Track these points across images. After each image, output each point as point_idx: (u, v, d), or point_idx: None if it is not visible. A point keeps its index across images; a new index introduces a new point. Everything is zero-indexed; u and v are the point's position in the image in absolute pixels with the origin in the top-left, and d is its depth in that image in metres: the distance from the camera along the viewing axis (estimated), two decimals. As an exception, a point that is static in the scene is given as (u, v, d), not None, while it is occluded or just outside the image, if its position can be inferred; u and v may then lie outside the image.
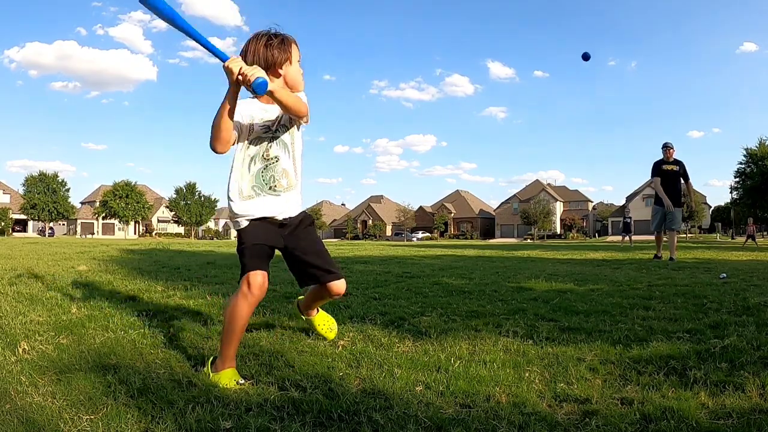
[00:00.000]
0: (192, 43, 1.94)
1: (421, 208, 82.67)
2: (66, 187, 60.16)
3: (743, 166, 40.80)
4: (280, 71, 2.17)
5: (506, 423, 1.64)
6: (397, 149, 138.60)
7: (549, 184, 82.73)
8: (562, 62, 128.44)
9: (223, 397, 1.83)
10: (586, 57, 5.66)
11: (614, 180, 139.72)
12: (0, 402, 1.77)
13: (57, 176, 59.72)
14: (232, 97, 1.99)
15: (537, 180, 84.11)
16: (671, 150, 8.36)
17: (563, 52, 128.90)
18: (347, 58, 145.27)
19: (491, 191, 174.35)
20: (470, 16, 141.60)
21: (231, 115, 2.02)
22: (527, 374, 2.12)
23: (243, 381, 2.04)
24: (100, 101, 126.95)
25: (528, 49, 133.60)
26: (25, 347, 2.42)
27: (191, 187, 67.96)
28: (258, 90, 1.90)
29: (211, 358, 2.18)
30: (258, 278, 2.14)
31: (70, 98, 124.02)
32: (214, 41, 1.98)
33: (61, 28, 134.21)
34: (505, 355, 2.42)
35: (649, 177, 8.73)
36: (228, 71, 1.92)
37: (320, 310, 2.74)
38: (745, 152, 40.43)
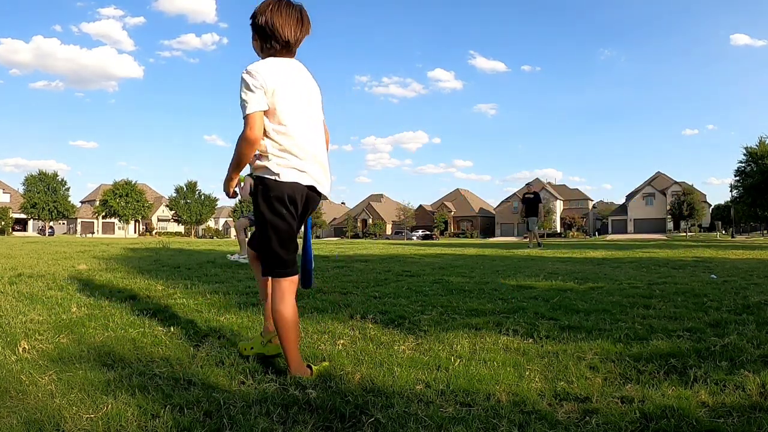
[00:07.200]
0: (173, 42, 1.99)
1: (421, 206, 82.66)
2: (66, 186, 60.19)
3: (743, 164, 40.79)
4: None
5: (506, 422, 1.64)
6: (386, 146, 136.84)
7: (549, 183, 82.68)
8: (552, 57, 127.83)
9: (223, 396, 1.83)
10: None
11: (613, 178, 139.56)
12: (0, 401, 1.77)
13: (57, 175, 59.74)
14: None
15: (537, 178, 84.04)
16: (532, 187, 15.65)
17: (551, 46, 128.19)
18: (324, 52, 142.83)
19: (488, 190, 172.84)
20: (451, 8, 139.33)
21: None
22: (527, 373, 2.12)
23: None
24: (85, 100, 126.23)
25: (516, 44, 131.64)
26: (26, 346, 2.42)
27: (192, 186, 67.93)
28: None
29: None
30: None
31: (54, 96, 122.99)
32: (190, 38, 2.01)
33: (39, 26, 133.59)
34: (506, 353, 2.42)
35: (646, 176, 11.71)
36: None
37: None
38: (745, 151, 40.46)
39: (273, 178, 2.07)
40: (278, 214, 2.08)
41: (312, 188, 2.15)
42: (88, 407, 1.71)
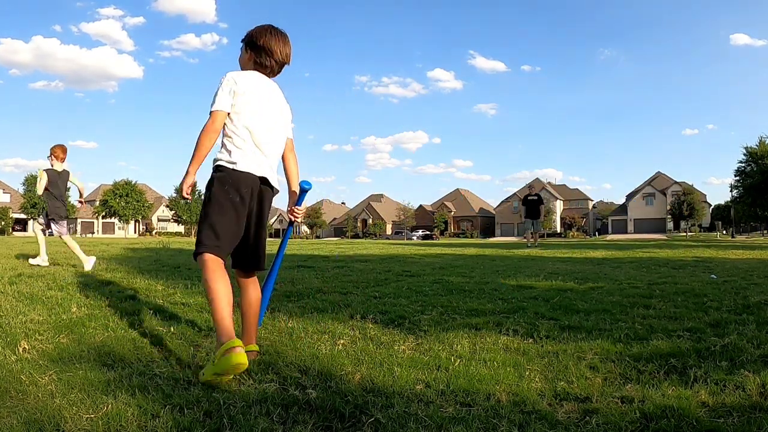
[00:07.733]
0: (173, 42, 2.07)
1: (421, 206, 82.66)
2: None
3: (743, 164, 40.76)
4: None
5: (506, 422, 1.64)
6: (386, 146, 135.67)
7: (549, 183, 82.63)
8: (552, 57, 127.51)
9: (223, 396, 1.83)
10: None
11: (613, 178, 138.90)
12: (0, 401, 1.77)
13: (57, 175, 59.67)
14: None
15: (537, 178, 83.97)
16: (533, 189, 15.97)
17: (551, 46, 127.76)
18: (324, 52, 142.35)
19: (488, 190, 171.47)
20: (451, 8, 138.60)
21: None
22: (527, 373, 2.12)
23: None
24: (85, 100, 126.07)
25: (516, 44, 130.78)
26: (26, 346, 2.42)
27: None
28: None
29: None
30: None
31: (54, 96, 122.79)
32: (190, 38, 2.13)
33: (39, 26, 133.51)
34: (506, 353, 2.42)
35: (646, 176, 11.80)
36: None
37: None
38: (745, 151, 40.44)
39: (231, 166, 2.27)
40: (229, 197, 2.25)
41: (264, 181, 2.34)
42: (88, 407, 1.71)
